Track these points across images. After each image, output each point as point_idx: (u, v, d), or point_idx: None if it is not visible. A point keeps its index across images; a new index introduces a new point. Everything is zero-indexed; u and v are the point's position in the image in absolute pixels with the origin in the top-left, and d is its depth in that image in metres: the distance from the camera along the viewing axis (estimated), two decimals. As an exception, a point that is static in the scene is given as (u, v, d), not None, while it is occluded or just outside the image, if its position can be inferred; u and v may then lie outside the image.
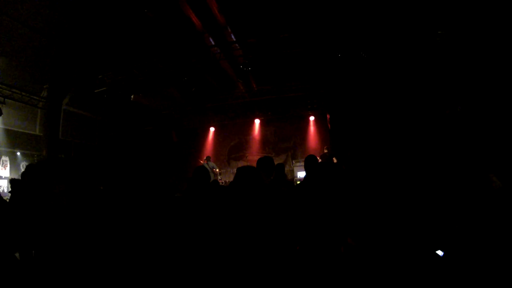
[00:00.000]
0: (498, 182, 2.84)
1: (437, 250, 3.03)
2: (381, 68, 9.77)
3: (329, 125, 12.58)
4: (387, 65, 9.69)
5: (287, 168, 13.60)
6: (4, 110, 9.98)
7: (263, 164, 3.82)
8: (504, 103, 7.38)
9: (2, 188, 10.42)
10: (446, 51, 8.39)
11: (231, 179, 12.09)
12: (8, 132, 10.86)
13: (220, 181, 12.72)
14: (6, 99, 10.13)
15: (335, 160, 11.03)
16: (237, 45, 10.17)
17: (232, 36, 9.81)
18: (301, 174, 11.57)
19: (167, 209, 3.33)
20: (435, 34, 8.20)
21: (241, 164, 14.04)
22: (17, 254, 3.57)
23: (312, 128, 14.28)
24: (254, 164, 3.84)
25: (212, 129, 15.87)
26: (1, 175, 10.56)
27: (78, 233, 3.16)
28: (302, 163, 11.54)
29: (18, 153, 11.27)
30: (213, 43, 10.05)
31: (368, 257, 3.57)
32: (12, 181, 5.15)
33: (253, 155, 14.45)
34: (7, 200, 4.79)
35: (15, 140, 11.14)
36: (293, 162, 13.20)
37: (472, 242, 2.61)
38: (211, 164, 12.50)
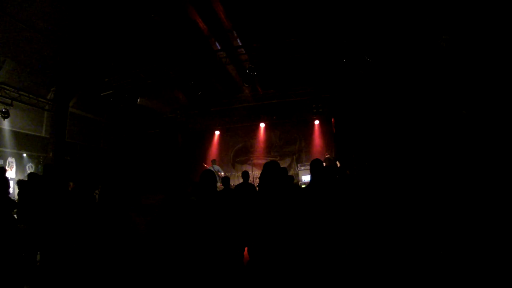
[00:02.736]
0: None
1: (439, 253, 3.03)
2: (386, 72, 9.77)
3: (334, 129, 12.58)
4: (391, 70, 9.69)
5: (292, 172, 13.59)
6: (11, 112, 10.07)
7: (269, 169, 3.81)
8: (508, 107, 7.35)
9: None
10: (451, 56, 8.38)
11: (236, 182, 12.10)
12: (14, 134, 10.95)
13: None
14: (13, 101, 10.21)
15: (338, 164, 11.01)
16: (243, 49, 10.19)
17: (238, 41, 9.85)
18: (306, 177, 11.56)
19: (185, 213, 3.34)
20: (439, 39, 8.19)
21: (246, 167, 14.05)
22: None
23: (317, 132, 14.26)
24: (260, 168, 3.85)
25: (217, 132, 15.88)
26: (7, 176, 10.64)
27: (94, 234, 3.19)
28: (307, 167, 11.59)
29: (24, 155, 11.36)
30: (219, 47, 10.10)
31: (373, 261, 3.57)
32: (19, 183, 5.20)
33: (258, 159, 14.46)
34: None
35: (22, 141, 11.23)
36: (298, 165, 13.18)
37: (473, 247, 2.62)
38: (217, 167, 12.49)
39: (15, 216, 4.12)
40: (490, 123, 7.66)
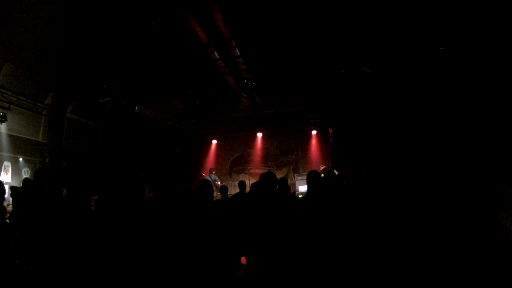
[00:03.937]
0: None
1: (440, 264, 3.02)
2: (383, 83, 9.82)
3: (331, 139, 12.59)
4: (389, 81, 9.74)
5: (288, 182, 13.55)
6: (8, 116, 10.04)
7: (266, 180, 3.81)
8: (506, 118, 7.37)
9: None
10: (448, 67, 8.43)
11: (233, 192, 12.05)
12: (11, 138, 10.90)
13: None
14: (11, 105, 10.20)
15: (336, 172, 10.97)
16: (241, 59, 10.24)
17: (237, 50, 9.90)
18: (303, 187, 11.53)
19: (178, 225, 3.33)
20: (437, 50, 8.25)
21: (242, 177, 14.00)
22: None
23: (314, 142, 14.25)
24: (256, 178, 3.86)
25: (214, 141, 15.84)
26: (3, 180, 10.55)
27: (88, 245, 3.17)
28: (304, 177, 11.56)
29: (21, 159, 11.30)
30: (217, 56, 10.14)
31: (369, 272, 3.55)
32: (12, 189, 5.15)
33: (255, 168, 14.41)
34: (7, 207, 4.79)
35: (18, 146, 11.18)
36: (295, 176, 13.15)
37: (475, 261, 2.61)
38: (214, 177, 12.40)
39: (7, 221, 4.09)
40: (488, 135, 7.68)
